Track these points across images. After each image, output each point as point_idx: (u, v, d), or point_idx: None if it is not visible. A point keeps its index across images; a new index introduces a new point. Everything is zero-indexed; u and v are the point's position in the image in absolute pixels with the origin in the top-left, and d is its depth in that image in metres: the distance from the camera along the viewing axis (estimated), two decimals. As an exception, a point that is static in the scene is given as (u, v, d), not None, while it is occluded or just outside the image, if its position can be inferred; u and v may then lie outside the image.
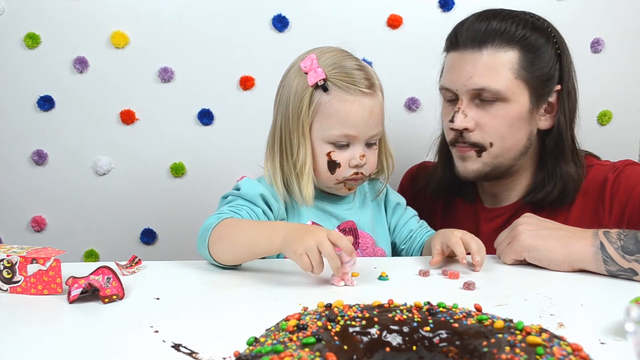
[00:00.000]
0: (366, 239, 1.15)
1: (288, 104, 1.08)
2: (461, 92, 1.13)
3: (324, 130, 1.06)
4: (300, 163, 1.06)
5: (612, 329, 0.66)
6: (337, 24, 1.55)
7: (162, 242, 1.58)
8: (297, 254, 0.85)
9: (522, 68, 1.10)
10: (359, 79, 1.05)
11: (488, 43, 1.10)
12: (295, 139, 1.07)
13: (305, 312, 0.58)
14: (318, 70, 1.05)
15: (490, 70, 1.10)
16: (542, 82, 1.13)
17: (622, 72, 1.67)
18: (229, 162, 1.57)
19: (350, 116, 1.05)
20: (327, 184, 1.11)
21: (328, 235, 0.84)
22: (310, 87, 1.05)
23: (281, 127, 1.09)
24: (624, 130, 1.68)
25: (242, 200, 1.06)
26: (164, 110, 1.55)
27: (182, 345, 0.62)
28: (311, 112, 1.06)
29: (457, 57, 1.14)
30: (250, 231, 0.94)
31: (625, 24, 1.64)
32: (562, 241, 0.95)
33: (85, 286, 0.77)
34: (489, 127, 1.12)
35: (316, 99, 1.05)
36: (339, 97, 1.05)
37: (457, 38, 1.15)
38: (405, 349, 0.54)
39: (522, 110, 1.12)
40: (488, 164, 1.15)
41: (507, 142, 1.13)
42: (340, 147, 1.07)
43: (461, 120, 1.12)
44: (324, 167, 1.08)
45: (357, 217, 1.16)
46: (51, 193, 1.54)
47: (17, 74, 1.50)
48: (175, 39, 1.53)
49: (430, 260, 0.98)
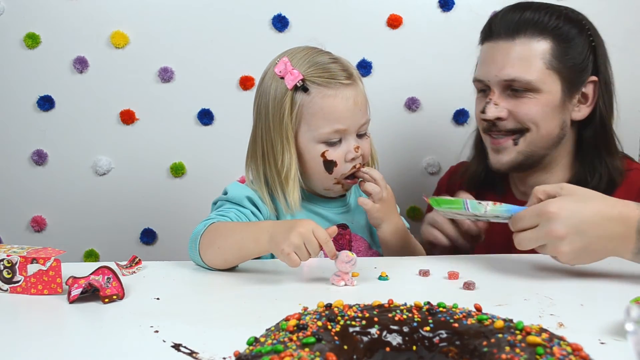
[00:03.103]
0: (359, 242, 1.14)
1: (267, 112, 1.06)
2: (493, 83, 1.14)
3: (312, 130, 1.05)
4: (286, 169, 1.05)
5: (612, 329, 0.66)
6: (337, 24, 1.55)
7: (162, 242, 1.59)
8: (285, 254, 0.85)
9: (554, 58, 1.11)
10: (336, 71, 1.04)
11: (521, 32, 1.11)
12: (278, 145, 1.05)
13: (305, 312, 0.58)
14: (294, 72, 1.04)
15: (522, 61, 1.11)
16: (574, 73, 1.13)
17: (622, 72, 1.67)
18: (229, 162, 1.57)
19: (335, 110, 1.04)
20: (324, 185, 1.10)
21: (314, 232, 0.85)
22: (289, 91, 1.04)
23: (262, 135, 1.08)
24: (624, 130, 1.68)
25: (229, 204, 1.05)
26: (164, 110, 1.55)
27: (182, 345, 0.62)
28: (294, 115, 1.04)
29: (490, 47, 1.15)
30: (237, 235, 0.93)
31: (625, 24, 1.64)
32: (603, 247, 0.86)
33: (85, 286, 0.77)
34: (521, 115, 1.13)
35: (298, 101, 1.04)
36: (321, 93, 1.04)
37: (491, 29, 1.16)
38: (405, 349, 0.54)
39: (554, 99, 1.13)
40: (522, 152, 1.15)
41: (542, 129, 1.14)
42: (332, 145, 1.05)
43: (493, 111, 1.13)
44: (320, 168, 1.06)
45: (350, 220, 1.15)
46: (51, 193, 1.54)
47: (17, 74, 1.51)
48: (175, 39, 1.53)
49: None
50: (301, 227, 0.85)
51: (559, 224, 0.83)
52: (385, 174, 1.19)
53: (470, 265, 0.97)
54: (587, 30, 1.15)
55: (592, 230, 0.84)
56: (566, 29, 1.12)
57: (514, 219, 0.90)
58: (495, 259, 1.03)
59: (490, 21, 1.18)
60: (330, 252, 0.87)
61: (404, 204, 1.63)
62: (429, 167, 1.63)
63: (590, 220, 0.84)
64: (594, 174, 1.15)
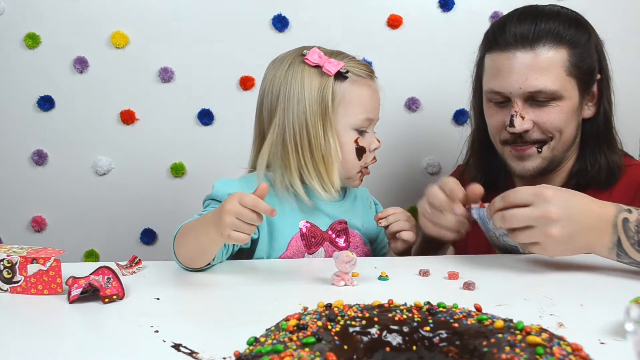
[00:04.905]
0: (356, 237, 1.16)
1: (302, 99, 1.06)
2: (515, 95, 1.12)
3: (348, 117, 1.08)
4: (332, 152, 1.06)
5: (612, 329, 0.65)
6: (337, 24, 1.55)
7: (162, 242, 1.59)
8: (226, 236, 0.84)
9: (572, 65, 1.11)
10: (361, 65, 1.10)
11: (540, 43, 1.10)
12: (320, 131, 1.06)
13: (305, 312, 0.58)
14: (332, 60, 1.07)
15: (544, 71, 1.10)
16: (588, 75, 1.15)
17: (622, 72, 1.67)
18: (229, 162, 1.56)
19: (368, 100, 1.09)
20: (350, 172, 1.12)
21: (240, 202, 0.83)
22: (330, 77, 1.06)
23: (293, 125, 1.07)
24: (624, 130, 1.68)
25: (214, 202, 1.05)
26: (164, 110, 1.55)
27: (182, 345, 0.62)
28: (336, 101, 1.07)
29: (506, 58, 1.12)
30: (193, 231, 0.92)
31: (625, 24, 1.64)
32: (584, 238, 0.89)
33: (85, 286, 0.77)
34: (547, 124, 1.12)
35: (338, 88, 1.07)
36: (358, 82, 1.08)
37: (503, 39, 1.13)
38: (405, 348, 0.54)
39: (574, 104, 1.13)
40: (546, 159, 1.16)
41: (565, 135, 1.15)
42: (362, 133, 1.10)
43: (520, 124, 1.12)
44: (352, 155, 1.10)
45: (348, 216, 1.16)
46: (51, 193, 1.54)
47: (17, 74, 1.51)
48: (175, 39, 1.53)
49: None
50: (227, 204, 0.84)
51: (555, 206, 0.86)
52: (385, 174, 1.20)
53: (470, 265, 0.97)
54: (593, 31, 1.16)
55: (579, 219, 0.88)
56: (579, 35, 1.13)
57: (506, 193, 0.90)
58: (495, 259, 1.03)
59: (498, 30, 1.15)
60: (266, 211, 0.83)
61: (404, 204, 1.62)
62: (429, 167, 1.63)
63: (579, 208, 0.88)
64: (595, 164, 1.17)
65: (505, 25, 1.14)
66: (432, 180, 1.54)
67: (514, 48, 1.11)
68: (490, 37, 1.17)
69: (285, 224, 1.09)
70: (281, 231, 1.09)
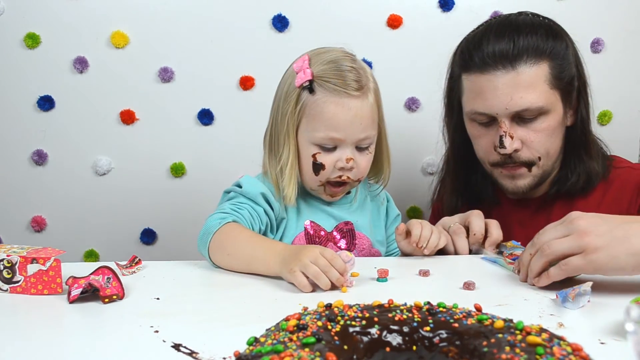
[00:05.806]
0: (363, 240, 1.15)
1: (279, 104, 1.09)
2: (502, 115, 1.10)
3: (309, 131, 1.05)
4: (283, 162, 1.06)
5: (612, 329, 0.65)
6: (337, 24, 1.55)
7: (162, 242, 1.59)
8: (292, 272, 0.83)
9: (554, 77, 1.10)
10: (348, 80, 1.03)
11: (521, 60, 1.07)
12: (281, 138, 1.07)
13: (305, 312, 0.58)
14: (307, 71, 1.04)
15: (528, 88, 1.07)
16: (569, 84, 1.13)
17: (622, 72, 1.67)
18: (229, 162, 1.57)
19: (334, 118, 1.03)
20: (310, 185, 1.11)
21: (322, 253, 0.83)
22: (297, 88, 1.05)
23: (272, 125, 1.11)
24: (624, 130, 1.68)
25: (243, 199, 1.06)
26: (164, 110, 1.55)
27: (182, 345, 0.62)
28: (297, 112, 1.05)
29: (487, 80, 1.09)
30: (249, 250, 0.92)
31: (625, 24, 1.64)
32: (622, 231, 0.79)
33: (85, 286, 0.77)
34: (535, 142, 1.11)
35: (303, 99, 1.05)
36: (324, 98, 1.03)
37: (481, 58, 1.10)
38: (405, 349, 0.54)
39: (559, 116, 1.12)
40: (537, 176, 1.16)
41: (552, 151, 1.14)
42: (327, 150, 1.06)
43: (510, 144, 1.10)
44: (309, 168, 1.07)
45: (355, 218, 1.15)
46: (51, 193, 1.54)
47: (17, 74, 1.50)
48: (175, 39, 1.53)
49: None
50: (309, 249, 0.84)
51: (583, 220, 0.80)
52: (385, 174, 1.19)
53: (470, 265, 0.97)
54: (568, 37, 1.14)
55: (611, 218, 0.80)
56: (558, 46, 1.11)
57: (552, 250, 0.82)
58: (495, 259, 1.03)
59: (472, 50, 1.12)
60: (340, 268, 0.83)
61: (404, 204, 1.63)
62: (429, 167, 1.63)
63: (607, 215, 0.82)
64: (574, 171, 1.17)
65: (482, 44, 1.11)
66: (432, 180, 1.54)
67: (494, 69, 1.08)
68: (467, 57, 1.13)
69: (291, 222, 1.10)
70: (287, 229, 1.10)
